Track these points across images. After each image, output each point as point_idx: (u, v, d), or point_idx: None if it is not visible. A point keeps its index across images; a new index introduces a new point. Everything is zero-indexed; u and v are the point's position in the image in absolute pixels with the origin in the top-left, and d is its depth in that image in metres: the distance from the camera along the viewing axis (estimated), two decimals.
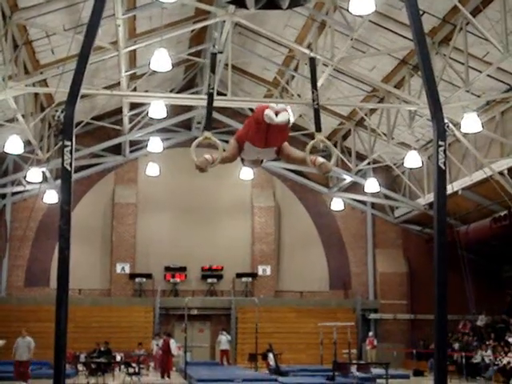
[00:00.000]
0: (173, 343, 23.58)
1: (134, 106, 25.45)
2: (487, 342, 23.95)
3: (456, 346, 25.55)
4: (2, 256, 27.66)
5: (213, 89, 6.75)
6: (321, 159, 6.42)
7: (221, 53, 21.09)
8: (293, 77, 23.66)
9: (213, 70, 6.85)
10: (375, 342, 27.52)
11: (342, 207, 29.81)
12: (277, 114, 6.19)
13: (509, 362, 21.33)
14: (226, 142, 7.48)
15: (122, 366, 23.32)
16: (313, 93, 6.80)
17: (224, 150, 6.43)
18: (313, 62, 7.07)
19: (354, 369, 20.66)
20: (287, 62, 23.54)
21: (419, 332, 28.21)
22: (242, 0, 6.62)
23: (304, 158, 6.45)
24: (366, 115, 24.64)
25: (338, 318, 27.09)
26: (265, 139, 6.38)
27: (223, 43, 20.50)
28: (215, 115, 27.62)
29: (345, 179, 28.63)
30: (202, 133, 6.55)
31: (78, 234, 23.58)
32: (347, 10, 16.69)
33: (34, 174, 24.08)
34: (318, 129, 6.67)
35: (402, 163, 25.47)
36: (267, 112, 6.14)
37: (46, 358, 21.23)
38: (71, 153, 6.63)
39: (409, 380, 22.28)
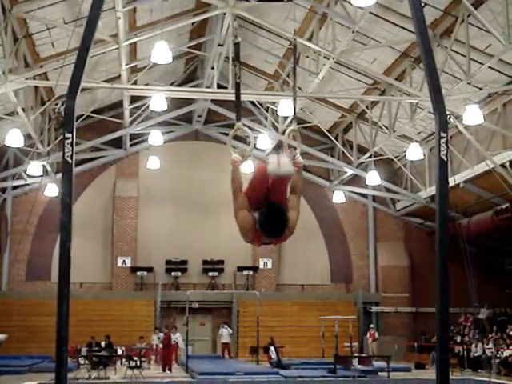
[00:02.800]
0: (180, 336, 23.66)
1: (134, 99, 25.35)
2: (489, 335, 23.94)
3: (458, 338, 25.53)
4: (3, 250, 27.62)
5: (239, 78, 6.68)
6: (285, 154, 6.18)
7: (221, 46, 21.02)
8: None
9: (238, 59, 6.78)
10: (376, 335, 27.49)
11: (344, 200, 29.76)
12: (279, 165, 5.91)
13: (511, 355, 21.34)
14: (226, 134, 7.41)
15: (124, 360, 23.32)
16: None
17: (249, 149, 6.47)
18: (295, 49, 7.63)
19: (355, 362, 20.62)
20: (288, 54, 23.45)
21: (421, 325, 28.22)
22: None
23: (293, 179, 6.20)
24: (367, 108, 24.57)
25: (340, 312, 27.03)
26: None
27: (224, 36, 20.43)
28: (215, 108, 27.59)
29: (346, 172, 28.57)
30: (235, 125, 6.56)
31: (79, 227, 23.55)
32: (349, 2, 16.63)
33: (35, 168, 24.05)
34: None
35: (404, 156, 25.42)
36: (271, 167, 5.89)
37: (48, 351, 21.35)
38: (72, 145, 6.60)
39: (410, 373, 22.25)
